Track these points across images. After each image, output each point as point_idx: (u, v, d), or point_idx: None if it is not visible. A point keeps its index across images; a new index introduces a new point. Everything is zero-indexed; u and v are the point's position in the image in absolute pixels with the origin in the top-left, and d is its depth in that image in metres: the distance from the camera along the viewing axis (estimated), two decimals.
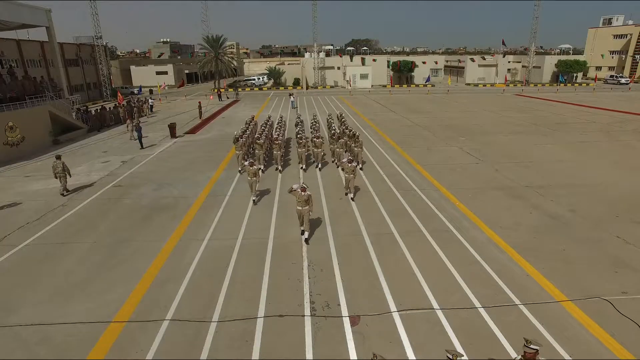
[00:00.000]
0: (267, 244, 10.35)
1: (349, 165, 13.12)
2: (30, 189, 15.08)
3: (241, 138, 17.14)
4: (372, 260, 9.52)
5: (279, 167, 16.77)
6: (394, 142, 22.31)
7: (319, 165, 17.23)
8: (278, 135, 17.78)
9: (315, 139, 17.00)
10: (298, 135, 17.79)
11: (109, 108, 30.67)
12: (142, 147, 21.37)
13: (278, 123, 21.78)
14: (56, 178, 14.37)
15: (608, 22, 74.51)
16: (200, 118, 31.22)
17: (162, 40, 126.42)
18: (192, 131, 26.42)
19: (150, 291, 8.33)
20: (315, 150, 17.06)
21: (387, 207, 12.73)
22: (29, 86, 24.33)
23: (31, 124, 21.57)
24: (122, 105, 31.24)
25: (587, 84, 59.96)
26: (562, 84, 56.22)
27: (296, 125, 21.21)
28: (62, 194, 14.31)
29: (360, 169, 16.65)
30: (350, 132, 17.89)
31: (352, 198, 13.29)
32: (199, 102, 33.43)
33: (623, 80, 59.21)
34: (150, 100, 37.37)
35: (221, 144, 22.24)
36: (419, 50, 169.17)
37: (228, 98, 46.70)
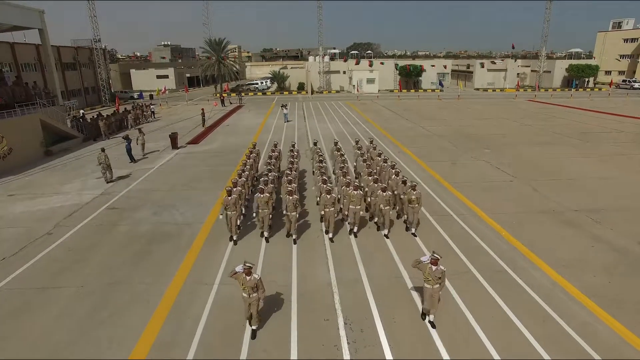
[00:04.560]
0: (291, 291, 8.59)
1: (436, 269, 7.10)
2: (12, 212, 13.32)
3: (235, 187, 10.96)
4: (420, 312, 7.77)
5: (294, 236, 10.81)
6: (414, 154, 20.58)
7: (355, 230, 11.11)
8: (291, 181, 11.38)
9: (349, 188, 10.82)
10: (323, 181, 11.32)
11: (106, 115, 28.75)
12: (131, 161, 19.59)
13: (290, 157, 14.30)
14: (99, 165, 16.25)
15: (618, 25, 73.24)
16: (204, 126, 29.51)
17: (163, 43, 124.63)
18: (195, 141, 24.68)
19: None
20: (352, 207, 10.79)
21: (424, 238, 10.97)
22: (20, 92, 22.63)
23: (20, 134, 19.82)
24: (104, 116, 27.60)
25: (599, 89, 58.36)
26: (574, 89, 54.53)
27: (315, 160, 14.62)
28: (108, 181, 16.30)
29: (414, 234, 11.10)
30: (399, 176, 11.83)
31: (431, 322, 7.47)
32: (202, 109, 31.72)
33: (636, 85, 57.64)
34: (151, 106, 35.63)
35: (226, 157, 20.51)
36: (419, 53, 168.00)
37: (231, 103, 45.04)
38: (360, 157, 14.60)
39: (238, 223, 10.99)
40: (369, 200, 11.78)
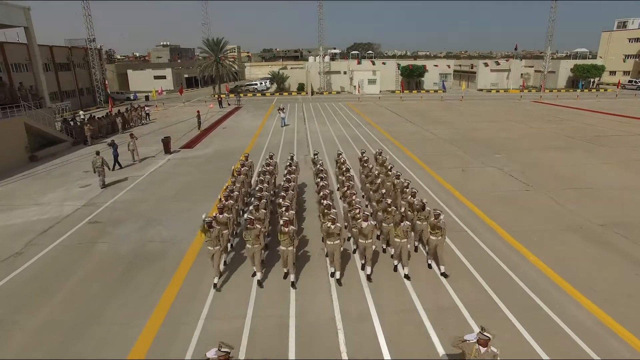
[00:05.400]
0: (289, 327, 7.38)
1: (485, 351, 5.26)
2: None
3: (222, 213, 9.59)
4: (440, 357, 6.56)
5: (291, 276, 8.80)
6: (420, 160, 19.35)
7: (369, 272, 9.03)
8: (288, 207, 9.65)
9: (358, 220, 8.87)
10: (327, 206, 9.50)
11: (97, 118, 27.53)
12: (119, 167, 18.47)
13: (286, 173, 12.31)
14: (95, 172, 15.79)
15: (623, 25, 71.97)
16: (199, 129, 28.29)
17: (162, 43, 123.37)
18: (189, 145, 23.46)
19: None
20: (362, 242, 8.84)
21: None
22: (4, 94, 21.43)
23: (2, 138, 18.61)
24: (95, 119, 26.74)
25: (605, 90, 57.15)
26: (580, 90, 53.29)
27: (316, 174, 12.59)
28: (101, 187, 15.60)
29: (445, 274, 9.01)
30: (416, 197, 10.18)
31: None
32: (198, 112, 30.47)
33: None
34: (146, 108, 34.43)
35: (221, 163, 19.27)
36: (419, 53, 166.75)
37: (229, 105, 43.82)
38: (369, 171, 12.61)
39: (223, 260, 9.19)
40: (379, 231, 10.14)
